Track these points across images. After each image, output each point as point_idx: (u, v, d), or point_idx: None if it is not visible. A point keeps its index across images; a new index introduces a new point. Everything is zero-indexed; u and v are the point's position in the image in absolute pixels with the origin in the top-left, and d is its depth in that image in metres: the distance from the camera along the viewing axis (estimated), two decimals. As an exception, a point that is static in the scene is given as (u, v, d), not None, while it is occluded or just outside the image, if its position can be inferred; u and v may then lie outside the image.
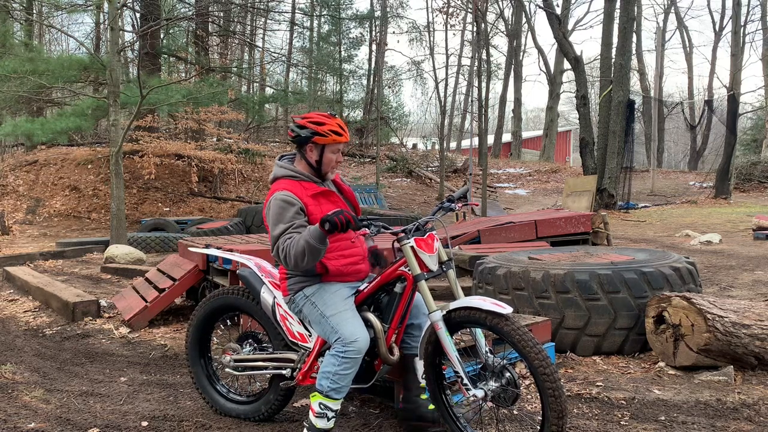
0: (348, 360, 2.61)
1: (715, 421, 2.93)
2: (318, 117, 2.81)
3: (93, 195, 16.45)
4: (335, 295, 2.76)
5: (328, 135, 2.78)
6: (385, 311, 2.78)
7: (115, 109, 10.30)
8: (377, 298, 2.83)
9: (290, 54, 28.19)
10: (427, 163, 26.70)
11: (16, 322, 5.52)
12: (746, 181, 21.89)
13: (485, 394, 2.53)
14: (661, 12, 38.38)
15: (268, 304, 3.00)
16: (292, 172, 2.85)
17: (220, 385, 3.29)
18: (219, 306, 3.25)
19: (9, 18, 17.12)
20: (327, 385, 2.64)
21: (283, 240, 2.66)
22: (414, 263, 2.65)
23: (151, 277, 5.80)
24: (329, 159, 2.84)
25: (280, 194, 2.74)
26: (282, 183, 2.82)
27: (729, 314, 3.55)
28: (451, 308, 2.61)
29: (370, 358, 2.77)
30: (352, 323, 2.67)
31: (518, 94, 34.75)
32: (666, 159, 40.56)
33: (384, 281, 2.78)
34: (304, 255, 2.59)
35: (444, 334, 2.59)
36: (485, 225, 8.74)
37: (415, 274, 2.65)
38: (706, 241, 9.84)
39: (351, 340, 2.61)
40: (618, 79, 17.19)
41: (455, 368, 2.57)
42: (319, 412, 2.66)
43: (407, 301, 2.75)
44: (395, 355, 2.79)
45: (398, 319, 2.76)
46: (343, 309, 2.71)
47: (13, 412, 3.26)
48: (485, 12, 21.31)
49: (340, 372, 2.62)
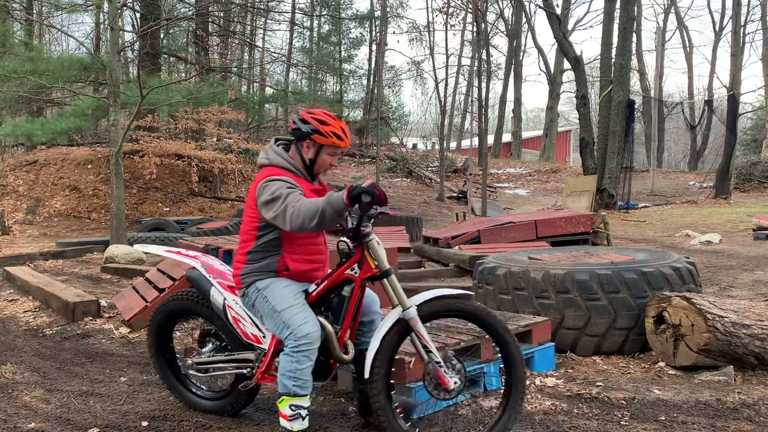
0: (302, 353, 2.61)
1: (715, 421, 2.93)
2: (323, 116, 2.74)
3: (93, 195, 16.45)
4: (286, 289, 2.74)
5: (329, 136, 2.71)
6: (335, 313, 2.77)
7: (115, 109, 10.30)
8: (327, 300, 2.81)
9: (290, 54, 28.19)
10: (427, 163, 26.70)
11: (16, 322, 5.52)
12: (746, 181, 21.90)
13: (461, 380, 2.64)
14: (661, 12, 38.42)
15: (218, 306, 2.96)
16: (287, 164, 2.76)
17: (189, 382, 3.30)
18: (174, 310, 3.21)
19: (9, 18, 17.12)
20: (291, 385, 2.63)
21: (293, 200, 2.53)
22: (383, 259, 2.64)
23: (151, 277, 5.80)
24: (324, 160, 2.77)
25: (281, 177, 2.66)
26: (277, 170, 2.73)
27: (729, 314, 3.55)
28: (420, 301, 2.66)
29: (325, 357, 2.78)
30: (302, 317, 2.66)
31: (518, 94, 34.77)
32: (666, 159, 40.56)
33: (332, 284, 2.76)
34: (314, 218, 2.46)
35: (422, 327, 2.62)
36: (485, 225, 8.75)
37: (384, 269, 2.64)
38: (706, 241, 9.84)
39: (302, 334, 2.61)
40: (618, 79, 17.19)
41: (437, 358, 2.62)
42: (291, 414, 2.65)
43: (357, 302, 2.75)
44: (350, 354, 2.79)
45: (349, 320, 2.76)
46: (294, 303, 2.70)
47: (13, 412, 3.26)
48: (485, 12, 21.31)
49: (298, 367, 2.62)
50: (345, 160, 25.79)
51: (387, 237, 8.24)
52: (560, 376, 3.61)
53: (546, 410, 3.10)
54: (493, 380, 3.39)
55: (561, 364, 3.84)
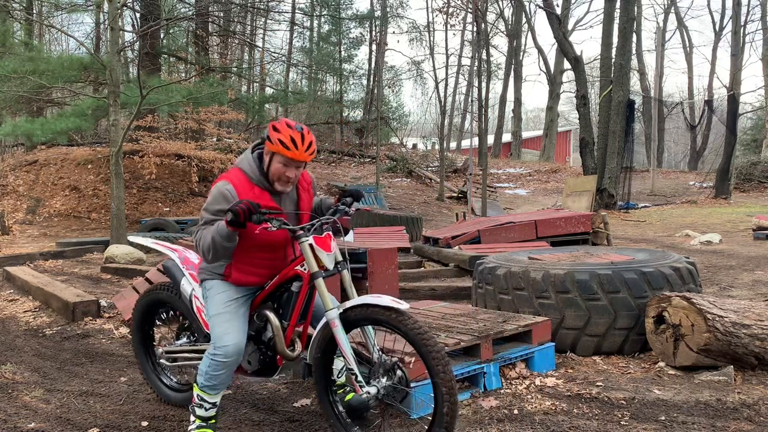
0: (216, 363, 2.67)
1: (715, 421, 2.93)
2: (282, 124, 2.68)
3: (93, 195, 16.45)
4: (220, 296, 2.79)
5: (274, 143, 2.64)
6: (285, 308, 2.79)
7: (115, 109, 10.29)
8: (278, 295, 2.83)
9: (290, 54, 28.20)
10: (427, 163, 26.70)
11: (16, 322, 5.52)
12: (746, 181, 21.90)
13: (378, 391, 2.55)
14: (661, 12, 38.44)
15: (186, 296, 3.08)
16: (251, 171, 2.76)
17: (164, 374, 3.43)
18: (151, 301, 3.37)
19: (9, 18, 17.12)
20: (201, 381, 2.74)
21: (200, 231, 2.68)
22: (312, 261, 2.64)
23: (151, 277, 5.80)
24: (276, 169, 2.70)
25: (224, 185, 2.70)
26: (234, 173, 2.77)
27: (729, 314, 3.55)
28: (348, 306, 2.60)
29: (273, 353, 2.82)
30: (225, 328, 2.69)
31: (518, 94, 34.78)
32: (666, 159, 40.56)
33: (282, 279, 2.79)
34: (209, 250, 2.61)
35: (340, 332, 2.58)
36: (485, 225, 8.75)
37: (312, 271, 2.64)
38: (706, 241, 9.84)
39: (220, 345, 2.66)
40: (618, 79, 17.19)
41: (350, 365, 2.56)
42: (197, 402, 2.80)
43: (305, 299, 2.76)
44: (297, 351, 2.82)
45: (297, 316, 2.77)
46: (223, 311, 2.74)
47: (13, 412, 3.27)
48: (485, 12, 21.31)
49: (210, 372, 2.70)
50: (345, 160, 25.80)
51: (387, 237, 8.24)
52: (560, 376, 3.61)
53: (546, 410, 3.10)
54: (493, 380, 3.40)
55: (561, 364, 3.84)
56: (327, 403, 2.76)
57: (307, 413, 3.16)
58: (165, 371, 3.43)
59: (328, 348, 2.71)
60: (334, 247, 2.71)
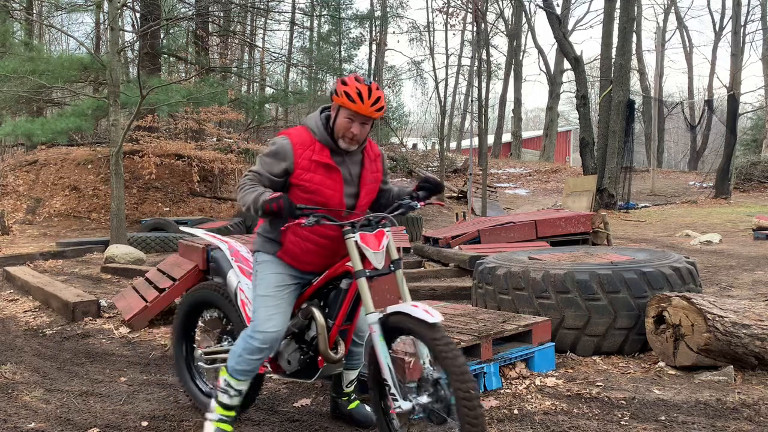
0: (252, 347, 2.55)
1: (715, 421, 2.93)
2: (350, 78, 2.56)
3: (93, 195, 16.45)
4: (273, 276, 2.66)
5: (340, 96, 2.51)
6: (331, 307, 2.65)
7: (115, 109, 10.30)
8: (326, 291, 2.70)
9: (290, 54, 28.18)
10: (427, 163, 26.69)
11: (16, 322, 5.52)
12: (746, 181, 21.91)
13: (413, 408, 2.35)
14: (661, 12, 38.45)
15: (232, 287, 2.99)
16: (315, 127, 2.62)
17: (200, 379, 3.31)
18: (197, 300, 3.25)
19: (9, 18, 17.12)
20: (232, 364, 2.62)
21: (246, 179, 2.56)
22: (356, 258, 2.48)
23: (151, 277, 5.80)
24: (340, 123, 2.56)
25: (282, 139, 2.58)
26: (297, 130, 2.64)
27: (729, 314, 3.55)
28: (388, 312, 2.43)
29: (314, 353, 2.68)
30: (269, 312, 2.57)
31: (518, 94, 34.77)
32: (666, 159, 40.56)
33: (331, 275, 2.66)
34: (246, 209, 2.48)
35: (377, 338, 2.41)
36: (485, 225, 8.75)
37: (356, 269, 2.48)
38: (706, 241, 9.84)
39: (260, 329, 2.55)
40: (618, 79, 17.20)
41: (383, 375, 2.41)
42: (222, 387, 2.67)
43: (353, 297, 2.60)
44: (339, 353, 2.67)
45: (343, 316, 2.62)
46: (271, 294, 2.62)
47: (13, 412, 3.27)
48: (485, 12, 21.31)
49: (244, 355, 2.57)
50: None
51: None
52: (560, 376, 3.61)
53: (546, 410, 3.10)
54: (493, 380, 3.40)
55: (561, 364, 3.84)
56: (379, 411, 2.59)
57: (307, 413, 3.15)
58: (202, 376, 3.29)
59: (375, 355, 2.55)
60: (384, 245, 2.53)
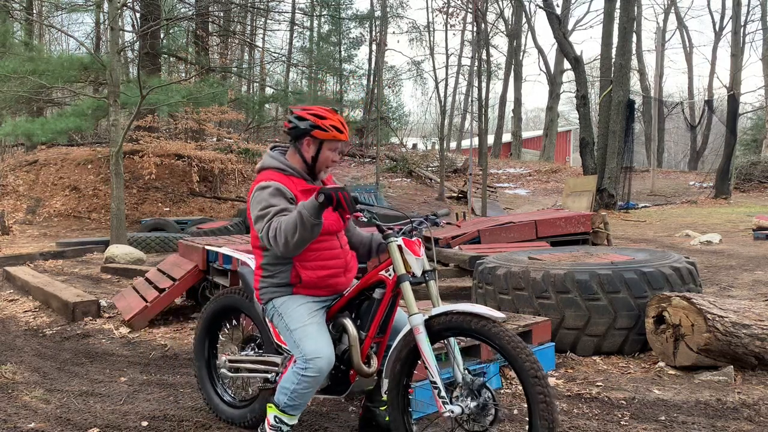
0: (307, 378, 2.46)
1: (715, 421, 2.93)
2: (320, 110, 2.61)
3: (93, 195, 16.45)
4: (302, 307, 2.60)
5: (329, 130, 2.56)
6: (363, 318, 2.58)
7: (115, 109, 10.30)
8: (358, 302, 2.64)
9: (290, 54, 28.19)
10: (427, 163, 26.68)
11: (16, 322, 5.52)
12: (746, 181, 21.90)
13: (462, 411, 2.31)
14: (661, 12, 38.47)
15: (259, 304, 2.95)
16: (282, 165, 2.64)
17: (219, 386, 3.24)
18: (223, 306, 3.19)
19: (9, 18, 17.12)
20: (284, 401, 2.52)
21: (276, 218, 2.46)
22: (399, 263, 2.46)
23: (151, 277, 5.80)
24: (326, 157, 2.62)
25: (272, 183, 2.54)
26: (270, 174, 2.62)
27: (729, 314, 3.55)
28: (434, 313, 2.40)
29: (346, 367, 2.61)
30: (314, 339, 2.49)
31: (518, 94, 34.77)
32: (666, 159, 40.54)
33: (363, 286, 2.60)
34: (295, 230, 2.36)
35: (423, 339, 2.38)
36: (485, 225, 8.74)
37: (399, 273, 2.45)
38: (706, 241, 9.84)
39: (311, 357, 2.45)
40: (618, 79, 17.19)
41: (433, 378, 2.34)
42: (273, 425, 2.57)
43: (386, 308, 2.55)
44: (372, 367, 2.58)
45: (376, 327, 2.56)
46: (308, 323, 2.55)
47: (13, 412, 3.27)
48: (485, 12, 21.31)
49: (299, 390, 2.48)
50: (345, 160, 25.78)
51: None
52: (560, 376, 3.61)
53: (546, 410, 3.09)
54: (493, 380, 3.39)
55: (561, 364, 3.84)
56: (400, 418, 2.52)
57: (307, 413, 3.15)
58: (223, 383, 3.21)
59: (409, 359, 2.48)
60: (422, 253, 2.52)
